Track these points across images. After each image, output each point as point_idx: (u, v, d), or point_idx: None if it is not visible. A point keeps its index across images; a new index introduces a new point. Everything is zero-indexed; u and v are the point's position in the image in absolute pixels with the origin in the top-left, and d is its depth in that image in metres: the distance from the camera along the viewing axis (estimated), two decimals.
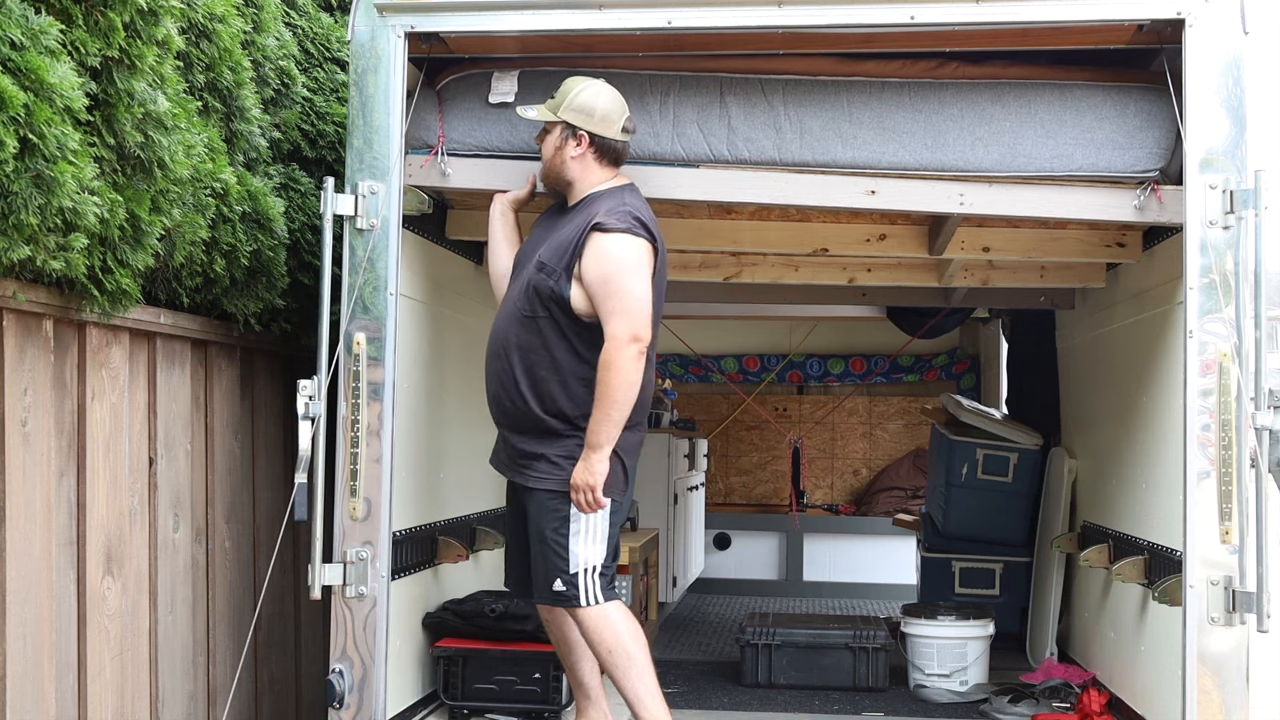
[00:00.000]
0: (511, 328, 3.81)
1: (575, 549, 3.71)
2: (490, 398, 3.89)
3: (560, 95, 3.80)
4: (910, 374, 8.71)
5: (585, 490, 3.66)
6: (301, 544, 4.42)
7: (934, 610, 5.26)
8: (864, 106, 3.98)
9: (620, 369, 3.62)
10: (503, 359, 3.81)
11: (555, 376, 3.74)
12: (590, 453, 3.65)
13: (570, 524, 3.71)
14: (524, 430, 3.78)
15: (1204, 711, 3.49)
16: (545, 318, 3.74)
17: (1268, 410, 3.45)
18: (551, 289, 3.71)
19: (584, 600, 3.71)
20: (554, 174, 3.86)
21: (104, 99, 3.12)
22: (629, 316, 3.64)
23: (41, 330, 3.14)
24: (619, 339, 3.62)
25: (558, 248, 3.75)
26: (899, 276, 5.28)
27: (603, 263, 3.67)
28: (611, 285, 3.66)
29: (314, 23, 4.82)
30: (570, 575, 3.71)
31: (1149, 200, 3.89)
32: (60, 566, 3.24)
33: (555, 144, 3.82)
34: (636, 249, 3.71)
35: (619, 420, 3.65)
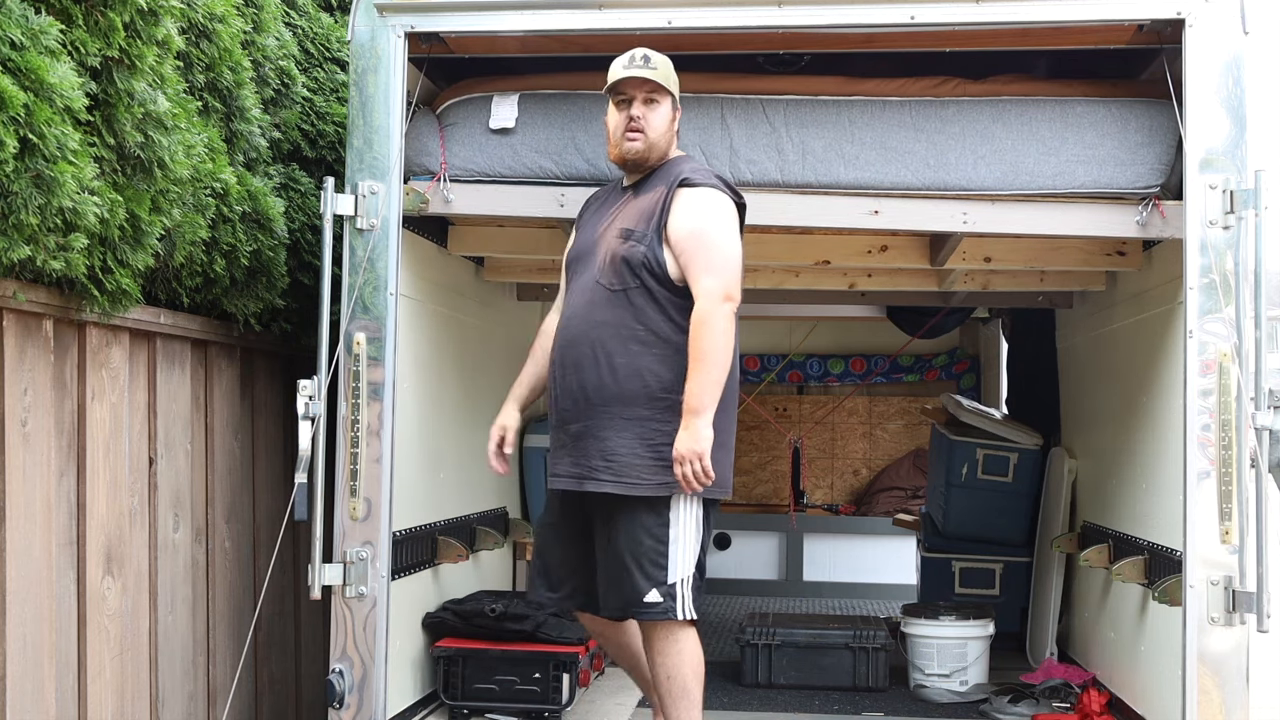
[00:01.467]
0: (594, 309, 3.57)
1: (674, 556, 3.49)
2: (566, 392, 3.61)
3: (663, 67, 3.63)
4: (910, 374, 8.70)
5: (692, 460, 3.37)
6: (301, 544, 4.42)
7: (934, 610, 5.26)
8: (865, 126, 3.99)
9: (714, 326, 3.40)
10: (586, 342, 3.56)
11: (652, 350, 3.51)
12: (692, 419, 3.38)
13: (670, 529, 3.49)
14: (616, 423, 3.50)
15: (1204, 711, 3.49)
16: (636, 288, 3.53)
17: (1268, 410, 3.45)
18: (644, 255, 3.52)
19: (681, 613, 3.49)
20: (663, 147, 3.66)
21: (104, 99, 3.12)
22: (721, 273, 3.46)
23: (41, 330, 3.14)
24: (712, 294, 3.43)
25: (641, 214, 3.58)
26: (900, 282, 5.29)
27: (694, 217, 3.51)
28: (703, 240, 3.49)
29: (314, 23, 4.82)
30: (669, 586, 3.48)
31: (1151, 216, 3.89)
32: (60, 566, 3.24)
33: (669, 116, 3.65)
34: (726, 205, 3.57)
35: (718, 381, 3.41)
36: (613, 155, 3.72)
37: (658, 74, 3.61)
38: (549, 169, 4.07)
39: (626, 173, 3.75)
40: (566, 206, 4.08)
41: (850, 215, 4.04)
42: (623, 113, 3.65)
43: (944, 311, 6.42)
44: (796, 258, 4.81)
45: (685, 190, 3.56)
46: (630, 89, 3.63)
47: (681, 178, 3.57)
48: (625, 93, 3.64)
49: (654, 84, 3.61)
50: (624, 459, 3.49)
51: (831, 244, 4.74)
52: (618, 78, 3.63)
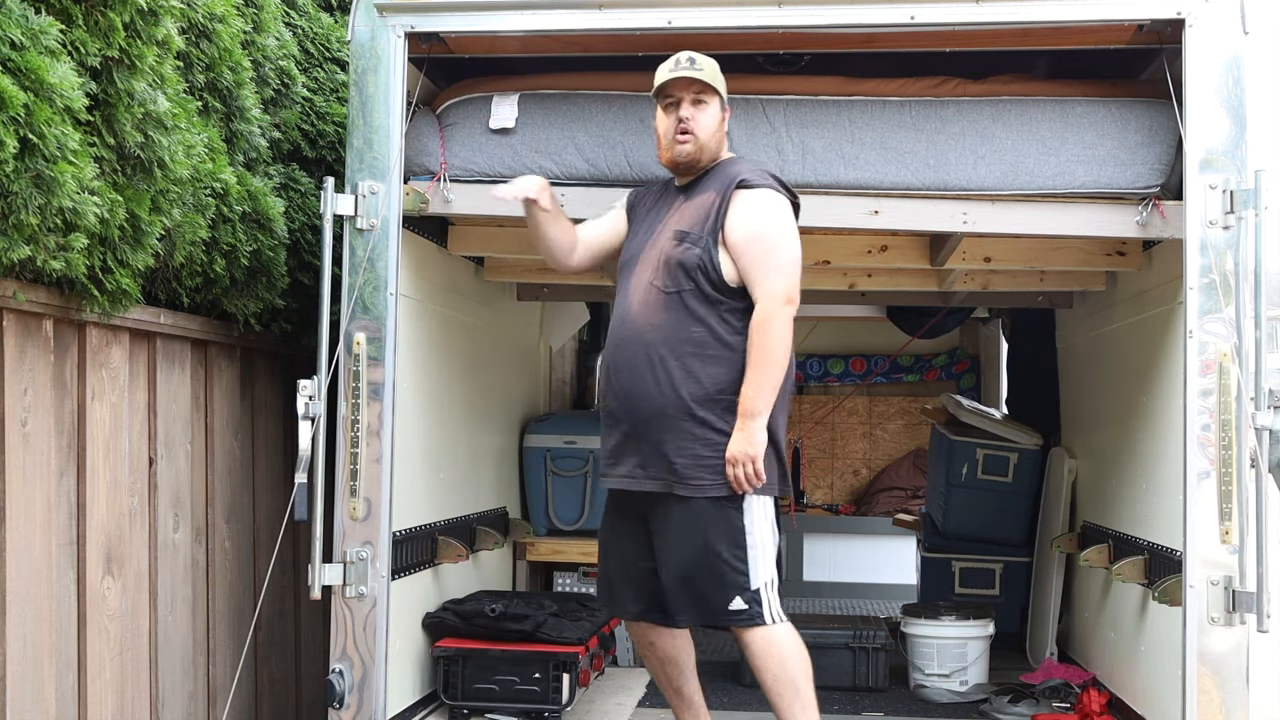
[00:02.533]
0: (648, 310, 3.54)
1: (754, 562, 3.45)
2: (622, 395, 3.57)
3: (709, 68, 3.59)
4: (910, 374, 8.70)
5: (745, 462, 3.37)
6: (301, 544, 4.42)
7: (934, 610, 5.26)
8: (866, 127, 3.99)
9: (775, 329, 3.39)
10: (640, 345, 3.53)
11: (707, 352, 3.48)
12: (747, 421, 3.38)
13: (748, 535, 3.45)
14: (671, 426, 3.47)
15: (1204, 711, 3.49)
16: (690, 290, 3.50)
17: (1268, 410, 3.45)
18: (699, 257, 3.48)
19: (768, 617, 3.46)
20: (713, 149, 3.63)
21: (104, 99, 3.12)
22: (783, 275, 3.44)
23: (41, 330, 3.14)
24: (774, 297, 3.41)
25: (696, 216, 3.54)
26: (899, 282, 5.29)
27: (753, 219, 3.49)
28: (764, 243, 3.47)
29: (314, 23, 4.82)
30: (752, 591, 3.45)
31: (1151, 215, 3.89)
32: (60, 566, 3.24)
33: (719, 116, 3.63)
34: (784, 206, 3.55)
35: (775, 385, 3.40)
36: (664, 159, 3.69)
37: (704, 74, 3.58)
38: (549, 169, 4.07)
39: (678, 175, 3.72)
40: (566, 206, 4.07)
41: (850, 215, 4.04)
42: (671, 115, 3.62)
43: (944, 311, 6.42)
44: None
45: (743, 192, 3.53)
46: (677, 91, 3.61)
47: (739, 179, 3.54)
48: (673, 95, 3.62)
49: (701, 84, 3.59)
50: (685, 464, 3.46)
51: (831, 244, 4.74)
52: (664, 80, 3.60)
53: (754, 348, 3.41)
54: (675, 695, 3.80)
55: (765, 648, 3.49)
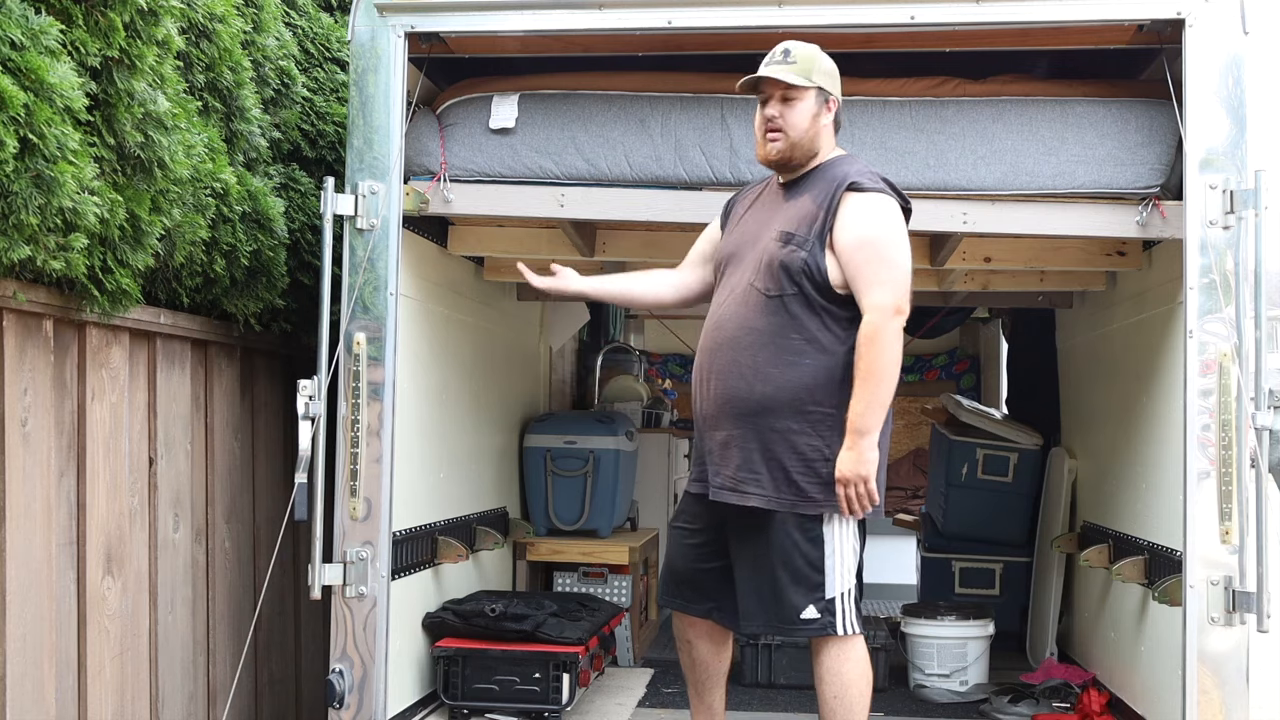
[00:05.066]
0: (747, 313, 3.39)
1: (831, 572, 3.36)
2: (714, 397, 3.44)
3: (803, 60, 3.43)
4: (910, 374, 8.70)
5: (857, 482, 3.24)
6: (301, 544, 4.42)
7: (934, 610, 5.26)
8: (866, 126, 3.98)
9: (886, 343, 3.23)
10: (738, 348, 3.38)
11: (806, 360, 3.33)
12: (858, 439, 3.24)
13: (825, 545, 3.35)
14: (759, 433, 3.36)
15: (1204, 711, 3.49)
16: (794, 294, 3.34)
17: (1268, 410, 3.45)
18: (805, 260, 3.33)
19: (842, 628, 3.36)
20: (807, 146, 3.45)
21: (104, 99, 3.12)
22: (893, 285, 3.27)
23: (41, 330, 3.14)
24: (884, 309, 3.25)
25: (802, 217, 3.38)
26: None
27: (863, 224, 3.32)
28: (873, 250, 3.30)
29: (314, 23, 4.82)
30: (827, 601, 3.35)
31: (1151, 216, 3.89)
32: (60, 566, 3.24)
33: (812, 111, 3.43)
34: (896, 213, 3.38)
35: (885, 401, 3.25)
36: (759, 157, 3.55)
37: (795, 69, 3.42)
38: (549, 169, 4.07)
39: (779, 173, 3.56)
40: (566, 206, 4.08)
41: None
42: (762, 112, 3.49)
43: (944, 312, 6.42)
44: None
45: (853, 195, 3.36)
46: (767, 88, 3.47)
47: (849, 181, 3.37)
48: (764, 92, 3.48)
49: (786, 83, 3.43)
50: (772, 472, 3.36)
51: None
52: (754, 78, 3.47)
53: (862, 361, 3.26)
54: (699, 700, 3.71)
55: (835, 663, 3.40)
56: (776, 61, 3.45)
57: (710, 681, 3.69)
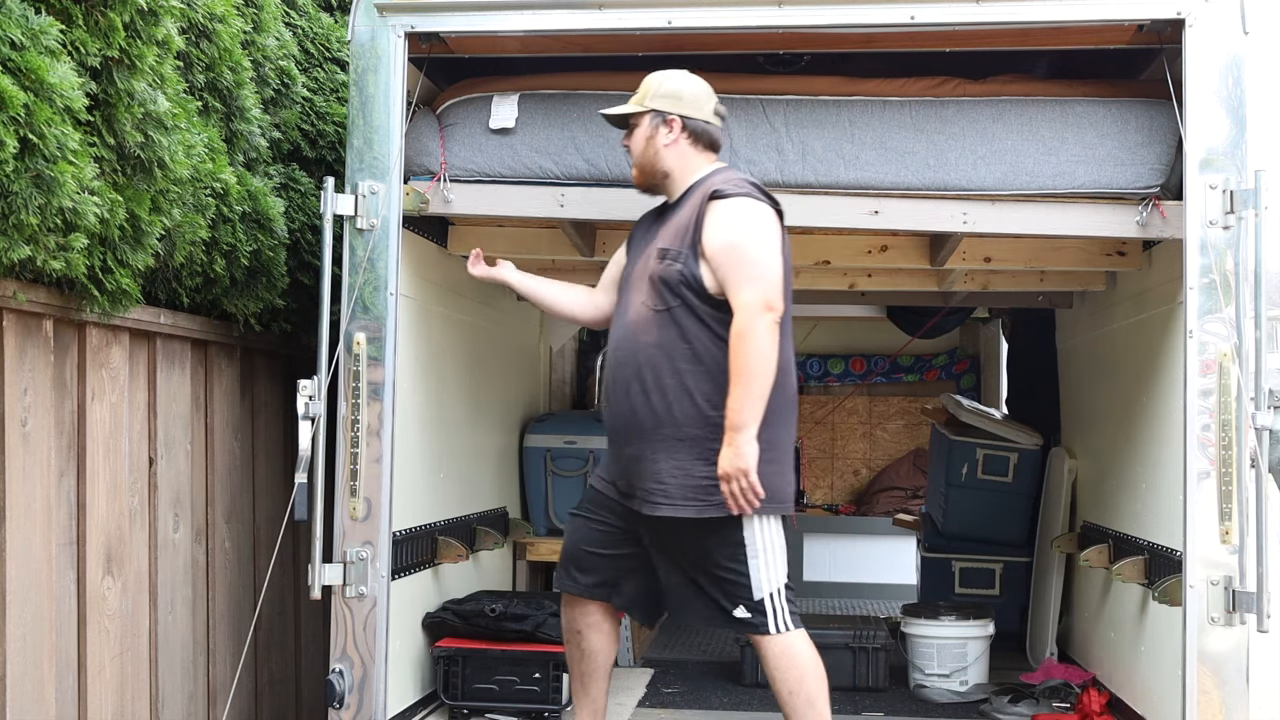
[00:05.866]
0: (640, 330, 3.53)
1: (756, 573, 3.44)
2: (619, 415, 3.56)
3: (643, 89, 3.65)
4: (910, 374, 8.70)
5: (737, 477, 3.30)
6: (301, 544, 4.42)
7: (934, 610, 5.26)
8: (866, 127, 3.98)
9: (754, 339, 3.32)
10: (635, 365, 3.51)
11: (700, 368, 3.44)
12: (735, 435, 3.30)
13: (747, 549, 3.43)
14: (666, 445, 3.45)
15: (1204, 711, 3.49)
16: (679, 307, 3.47)
17: (1268, 410, 3.45)
18: (680, 272, 3.46)
19: (774, 626, 3.45)
20: (649, 168, 3.65)
21: (104, 99, 3.12)
22: (759, 283, 3.37)
23: (41, 330, 3.14)
24: (751, 306, 3.35)
25: (675, 231, 3.53)
26: (899, 282, 5.29)
27: (727, 229, 3.44)
28: (737, 252, 3.42)
29: (314, 23, 4.82)
30: (755, 602, 3.44)
31: (1151, 216, 3.89)
32: (60, 566, 3.24)
33: (646, 134, 3.62)
34: (761, 213, 3.48)
35: (761, 395, 3.32)
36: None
37: (632, 100, 3.67)
38: (549, 169, 4.07)
39: (652, 195, 3.76)
40: (566, 206, 4.08)
41: (850, 215, 4.04)
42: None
43: (944, 311, 6.42)
44: (797, 258, 4.76)
45: (716, 203, 3.49)
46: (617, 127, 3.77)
47: (713, 190, 3.51)
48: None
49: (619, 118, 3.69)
50: (680, 481, 3.43)
51: (831, 244, 4.74)
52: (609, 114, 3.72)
53: (735, 358, 3.35)
54: (583, 693, 3.79)
55: (779, 660, 3.47)
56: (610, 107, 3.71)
57: (598, 673, 3.77)
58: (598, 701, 3.81)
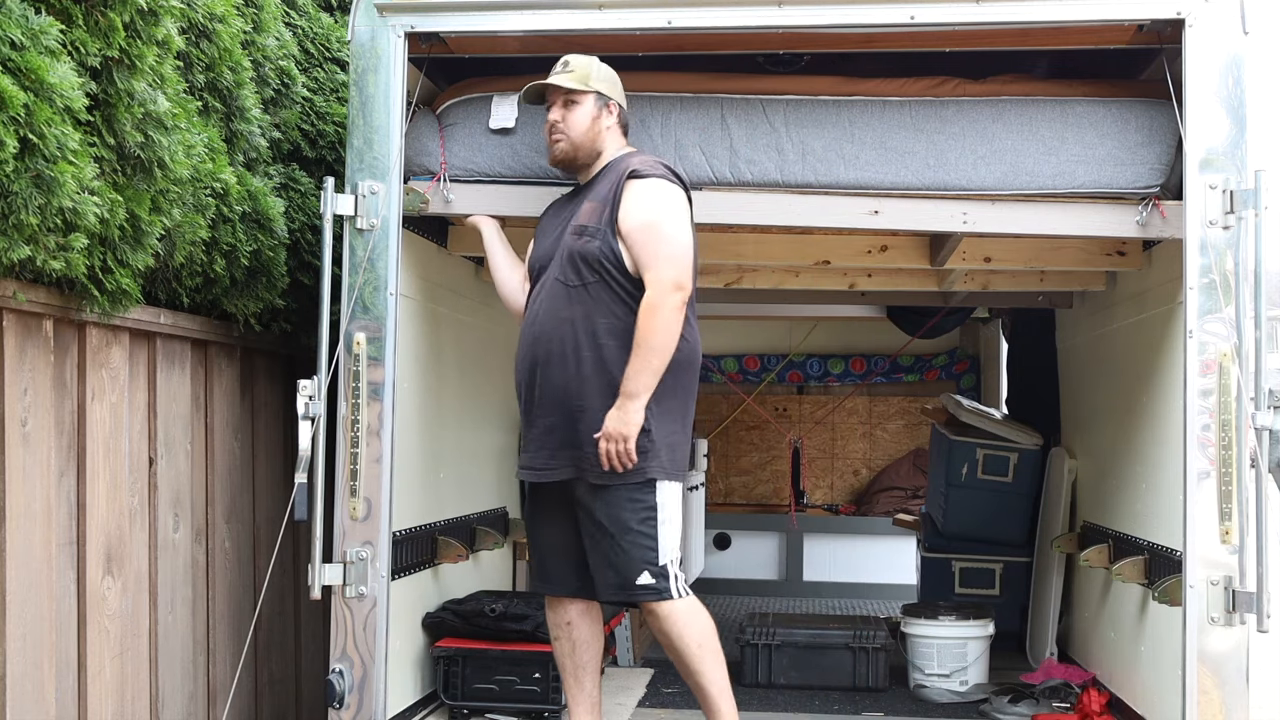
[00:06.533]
0: (555, 305, 3.66)
1: (662, 539, 3.59)
2: (536, 385, 3.70)
3: (579, 69, 3.75)
4: (910, 374, 8.70)
5: (618, 439, 3.48)
6: (301, 544, 4.42)
7: (934, 610, 5.26)
8: (866, 127, 3.99)
9: (662, 315, 3.50)
10: (552, 339, 3.64)
11: (617, 341, 3.58)
12: (626, 401, 3.49)
13: (658, 513, 3.58)
14: (584, 413, 3.59)
15: (1204, 711, 3.49)
16: (595, 282, 3.61)
17: (1268, 410, 3.45)
18: (599, 248, 3.60)
19: (675, 591, 3.59)
20: (589, 146, 3.77)
21: (104, 99, 3.12)
22: (672, 262, 3.54)
23: (41, 330, 3.14)
24: (663, 284, 3.51)
25: (593, 209, 3.66)
26: (899, 282, 5.30)
27: (642, 208, 3.59)
28: (653, 231, 3.57)
29: (314, 23, 4.82)
30: (660, 567, 3.58)
31: (1151, 215, 3.89)
32: (60, 566, 3.24)
33: (591, 114, 3.75)
34: (675, 195, 3.65)
35: (658, 370, 3.50)
36: (549, 160, 3.87)
37: (573, 76, 3.74)
38: (549, 169, 4.07)
39: (570, 174, 3.88)
40: None
41: (850, 215, 4.04)
42: (547, 119, 3.81)
43: (944, 311, 6.42)
44: (796, 258, 4.81)
45: (634, 182, 3.63)
46: (550, 95, 3.80)
47: (630, 170, 3.65)
48: (548, 99, 3.81)
49: (565, 89, 3.74)
50: (592, 448, 3.56)
51: (831, 244, 4.74)
52: (537, 85, 3.80)
53: (640, 330, 3.51)
54: (578, 687, 3.86)
55: (684, 618, 3.61)
56: (557, 73, 3.77)
57: (591, 664, 3.85)
58: (593, 695, 3.86)
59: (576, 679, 3.86)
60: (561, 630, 3.85)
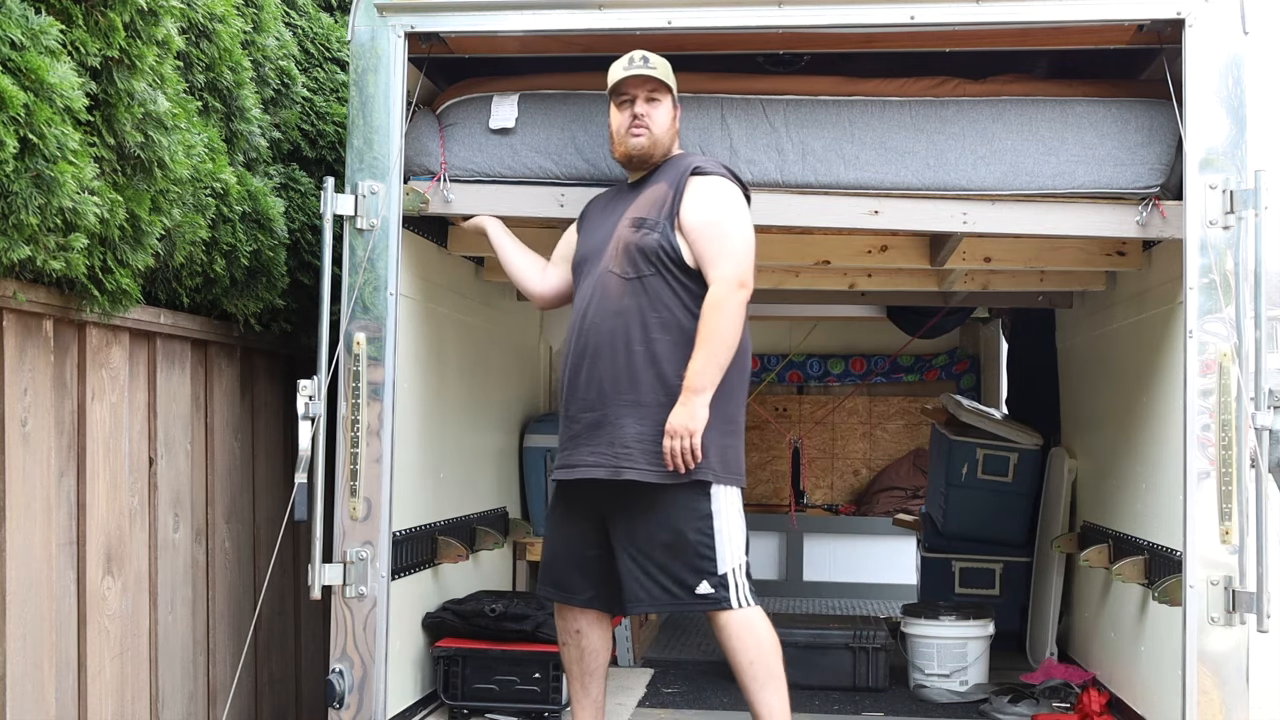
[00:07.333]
0: (607, 298, 3.59)
1: (721, 547, 3.50)
2: (582, 378, 3.60)
3: (662, 66, 3.69)
4: (910, 374, 8.70)
5: (684, 435, 3.38)
6: (301, 544, 4.42)
7: (934, 610, 5.26)
8: (866, 127, 3.99)
9: (728, 311, 3.45)
10: (602, 331, 3.56)
11: (668, 336, 3.52)
12: (691, 396, 3.40)
13: (714, 520, 3.49)
14: (632, 410, 3.50)
15: (1204, 711, 3.49)
16: (651, 275, 3.56)
17: (1268, 410, 3.45)
18: (658, 241, 3.55)
19: (735, 601, 3.50)
20: (665, 143, 3.73)
21: (104, 99, 3.12)
22: (736, 259, 3.51)
23: (41, 330, 3.14)
24: (728, 280, 3.47)
25: (652, 203, 3.62)
26: (899, 282, 5.29)
27: (707, 204, 3.58)
28: (719, 227, 3.55)
29: (314, 23, 4.82)
30: (719, 576, 3.49)
31: (1151, 216, 3.89)
32: (60, 566, 3.24)
33: (671, 113, 3.74)
34: (738, 195, 3.65)
35: (722, 366, 3.44)
36: (617, 153, 3.78)
37: (657, 72, 3.69)
38: (549, 169, 4.07)
39: (631, 171, 3.81)
40: (566, 206, 4.08)
41: (850, 215, 4.04)
42: (625, 112, 3.72)
43: (944, 311, 6.42)
44: (796, 258, 4.81)
45: (698, 178, 3.62)
46: (632, 88, 3.70)
47: (694, 166, 3.63)
48: (627, 92, 3.71)
49: (655, 82, 3.69)
50: (644, 448, 3.48)
51: (831, 244, 4.74)
52: (619, 78, 3.70)
53: (704, 325, 3.46)
54: (583, 692, 3.82)
55: (740, 632, 3.52)
56: (639, 65, 3.68)
57: (598, 671, 3.81)
58: (599, 700, 3.84)
59: (583, 684, 3.83)
60: (570, 637, 3.81)
